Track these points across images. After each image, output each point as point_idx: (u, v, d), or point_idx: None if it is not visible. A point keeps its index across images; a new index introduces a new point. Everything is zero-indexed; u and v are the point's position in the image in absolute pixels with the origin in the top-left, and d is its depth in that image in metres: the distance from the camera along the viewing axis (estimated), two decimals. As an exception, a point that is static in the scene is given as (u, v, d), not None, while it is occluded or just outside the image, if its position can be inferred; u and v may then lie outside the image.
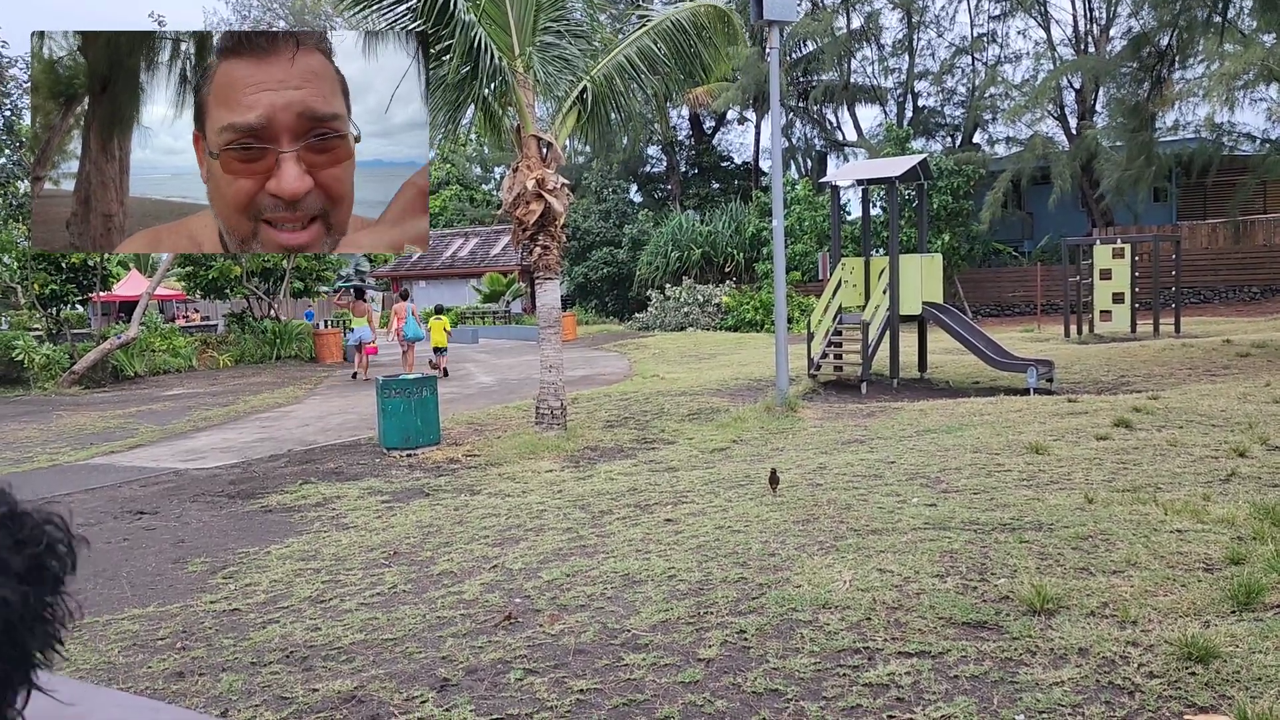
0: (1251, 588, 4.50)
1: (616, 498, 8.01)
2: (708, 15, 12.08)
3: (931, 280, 15.81)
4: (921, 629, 4.49)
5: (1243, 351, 15.97)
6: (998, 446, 8.81)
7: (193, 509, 8.92)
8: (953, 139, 38.32)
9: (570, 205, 12.15)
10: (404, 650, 4.85)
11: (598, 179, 41.82)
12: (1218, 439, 8.42)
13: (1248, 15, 22.60)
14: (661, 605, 5.12)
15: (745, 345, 24.60)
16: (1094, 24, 33.53)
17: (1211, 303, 29.29)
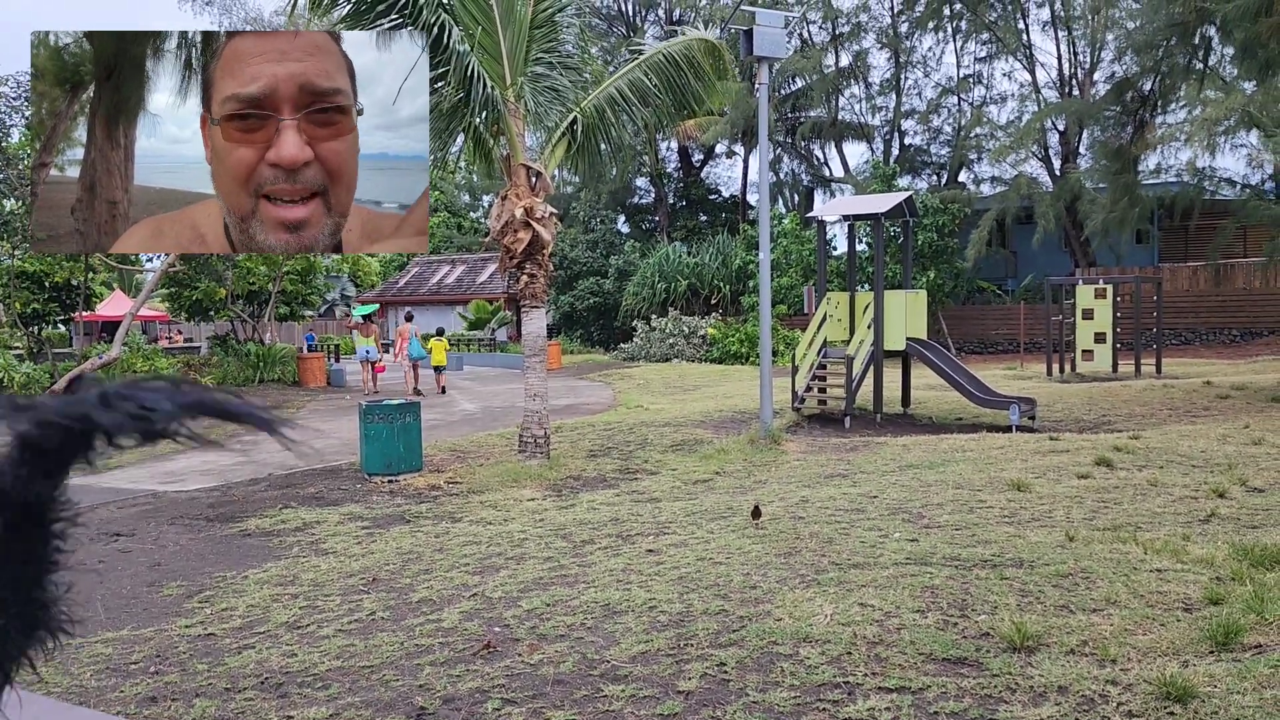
0: (1230, 628, 4.51)
1: (598, 527, 7.98)
2: (700, 49, 12.22)
3: (916, 316, 15.90)
4: (902, 664, 4.47)
5: (1223, 393, 16.10)
6: (980, 483, 8.84)
7: (170, 532, 8.83)
8: (938, 177, 38.71)
9: (558, 234, 12.18)
10: (381, 678, 4.80)
11: (586, 209, 41.98)
12: (1197, 479, 8.47)
13: (1229, 62, 22.99)
14: (642, 636, 5.09)
15: (730, 377, 24.64)
16: (1078, 68, 34.05)
17: (1192, 344, 29.56)
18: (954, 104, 38.36)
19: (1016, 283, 35.18)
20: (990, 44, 36.16)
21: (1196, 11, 17.14)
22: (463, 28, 10.51)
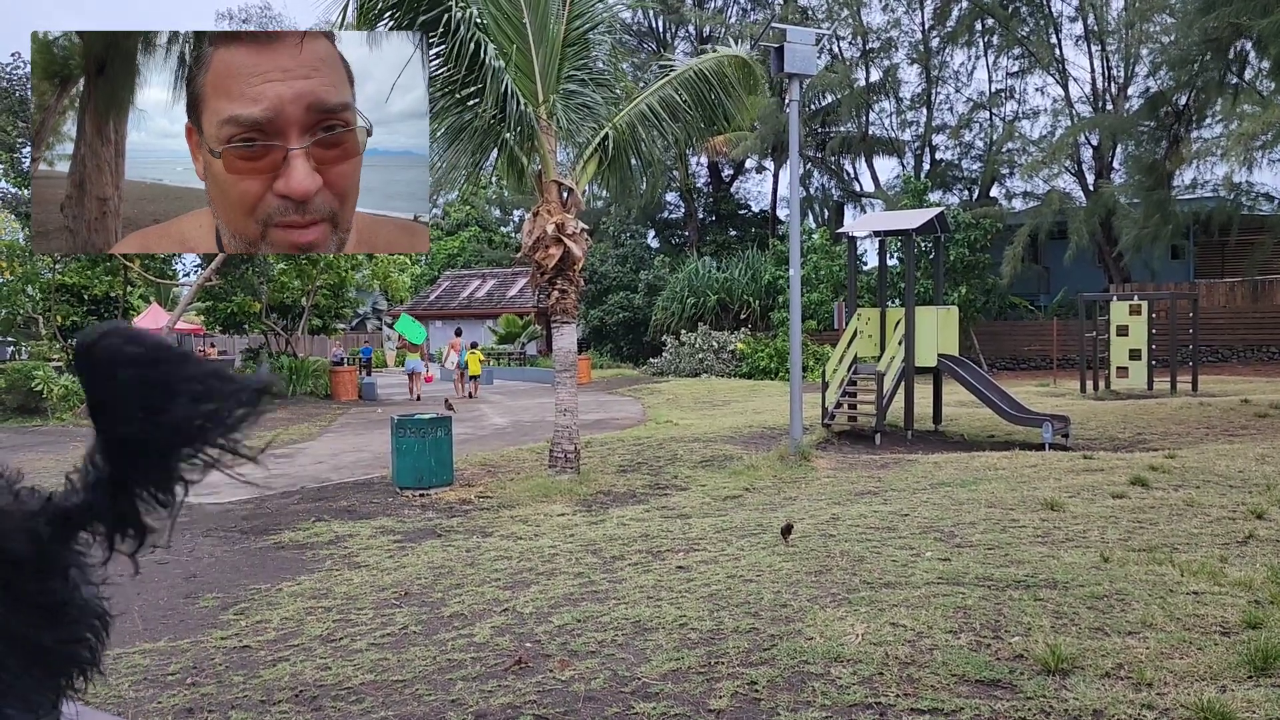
0: (1269, 653, 4.45)
1: (629, 543, 7.99)
2: (731, 65, 12.27)
3: (948, 332, 15.82)
4: (934, 686, 4.45)
5: (1261, 412, 15.87)
6: (1012, 502, 8.77)
7: (205, 544, 8.94)
8: (970, 192, 38.48)
9: (589, 249, 12.25)
10: (414, 692, 4.83)
11: (616, 224, 42.11)
12: (1235, 500, 8.36)
13: (1265, 77, 22.74)
14: (672, 654, 5.09)
15: (759, 393, 24.59)
16: (1112, 82, 33.78)
17: (1229, 361, 29.15)
18: (986, 119, 38.16)
19: (1049, 298, 34.88)
20: (1023, 58, 35.96)
21: (1231, 26, 16.99)
22: (497, 46, 10.61)
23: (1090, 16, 32.75)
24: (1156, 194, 26.94)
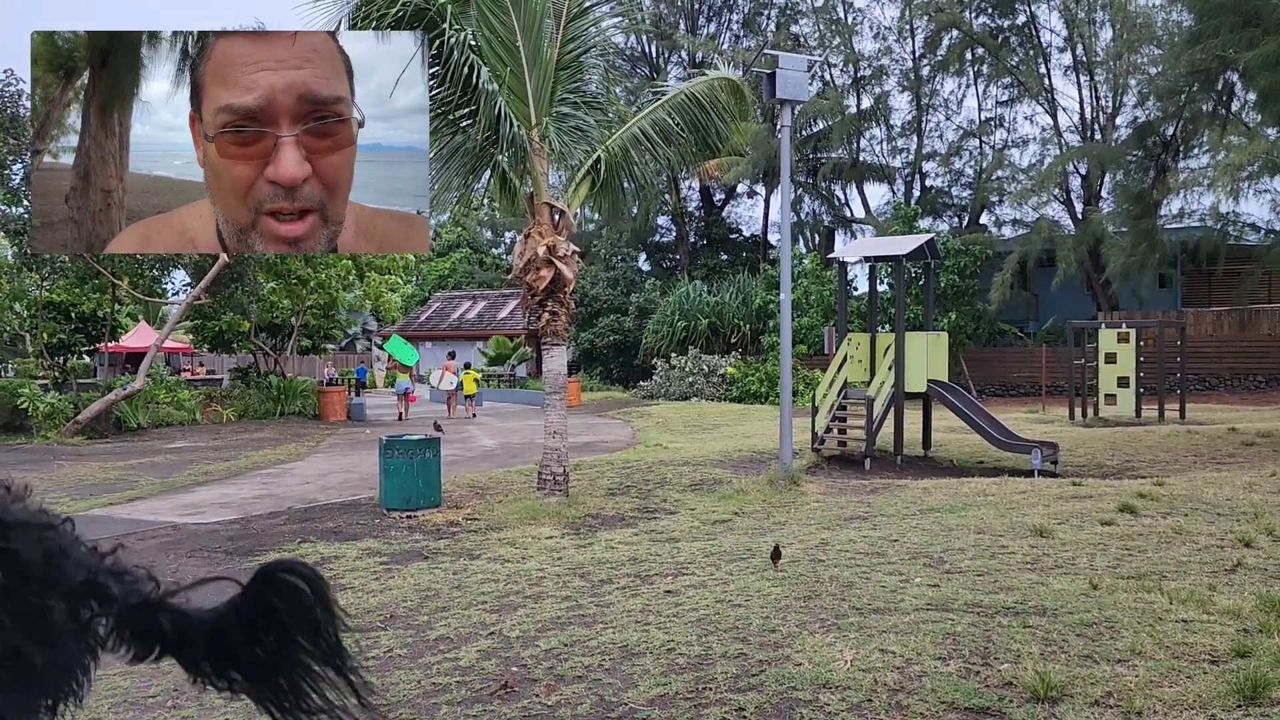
0: (1258, 682, 4.44)
1: (617, 567, 7.94)
2: (723, 88, 12.34)
3: (937, 358, 15.86)
4: (923, 713, 4.42)
5: (1248, 440, 15.92)
6: (1001, 528, 8.75)
7: (189, 564, 8.86)
8: (960, 219, 38.73)
9: (580, 272, 12.26)
10: (398, 717, 4.78)
11: (607, 246, 42.22)
12: (1223, 528, 8.36)
13: (1252, 109, 22.99)
14: (660, 679, 5.05)
15: (749, 417, 24.58)
16: (1100, 112, 34.12)
17: (1216, 390, 29.28)
18: (975, 146, 38.49)
19: (1038, 325, 35.05)
20: (1012, 88, 36.33)
21: (1218, 59, 17.18)
22: (491, 69, 10.65)
23: (1079, 47, 33.12)
24: (1144, 223, 27.15)
